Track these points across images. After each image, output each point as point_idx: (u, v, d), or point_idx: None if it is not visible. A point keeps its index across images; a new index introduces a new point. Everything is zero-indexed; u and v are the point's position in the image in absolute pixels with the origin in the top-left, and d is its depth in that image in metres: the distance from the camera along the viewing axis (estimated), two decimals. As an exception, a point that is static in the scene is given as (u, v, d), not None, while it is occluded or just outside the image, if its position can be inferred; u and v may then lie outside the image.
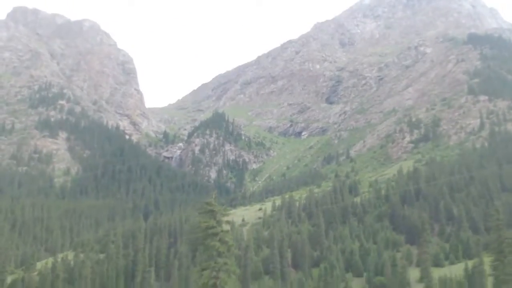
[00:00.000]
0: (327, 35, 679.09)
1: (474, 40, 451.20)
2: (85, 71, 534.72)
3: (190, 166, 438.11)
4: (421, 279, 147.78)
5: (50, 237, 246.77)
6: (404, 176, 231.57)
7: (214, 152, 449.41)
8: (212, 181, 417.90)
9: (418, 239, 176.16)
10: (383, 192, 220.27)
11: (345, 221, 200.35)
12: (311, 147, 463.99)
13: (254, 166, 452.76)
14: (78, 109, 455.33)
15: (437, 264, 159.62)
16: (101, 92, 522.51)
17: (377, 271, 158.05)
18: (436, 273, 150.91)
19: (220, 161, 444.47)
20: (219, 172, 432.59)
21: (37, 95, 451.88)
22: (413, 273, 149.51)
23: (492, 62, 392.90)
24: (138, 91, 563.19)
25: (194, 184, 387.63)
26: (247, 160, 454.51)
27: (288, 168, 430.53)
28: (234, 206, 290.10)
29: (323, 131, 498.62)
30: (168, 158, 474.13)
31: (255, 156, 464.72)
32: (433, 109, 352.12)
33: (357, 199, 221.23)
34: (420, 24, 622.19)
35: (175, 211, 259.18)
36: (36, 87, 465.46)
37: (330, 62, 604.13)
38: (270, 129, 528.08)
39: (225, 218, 54.79)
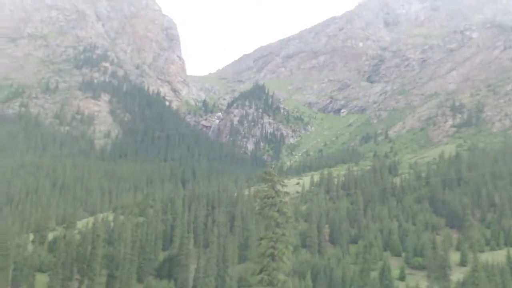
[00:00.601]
0: (371, 13, 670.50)
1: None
2: (129, 35, 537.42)
3: (228, 137, 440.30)
4: (461, 263, 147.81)
5: (90, 198, 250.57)
6: (446, 160, 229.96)
7: (252, 123, 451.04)
8: (249, 153, 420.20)
9: (459, 223, 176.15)
10: (423, 174, 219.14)
11: (383, 201, 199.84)
12: (349, 125, 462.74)
13: (292, 140, 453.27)
14: (121, 72, 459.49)
15: (478, 249, 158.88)
16: (144, 56, 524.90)
17: (416, 252, 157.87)
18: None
19: (258, 133, 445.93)
20: (256, 144, 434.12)
21: (82, 56, 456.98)
22: (453, 257, 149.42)
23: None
24: (180, 58, 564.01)
25: (231, 155, 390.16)
26: (284, 134, 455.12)
27: (325, 144, 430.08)
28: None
29: (363, 109, 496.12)
30: (206, 127, 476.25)
31: (293, 131, 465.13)
32: (477, 94, 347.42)
33: (396, 180, 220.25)
34: (467, 9, 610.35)
35: (212, 181, 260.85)
36: (81, 48, 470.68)
37: (373, 41, 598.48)
38: (309, 105, 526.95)
39: (284, 189, 54.98)
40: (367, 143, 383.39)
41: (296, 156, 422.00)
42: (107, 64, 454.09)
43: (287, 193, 55.51)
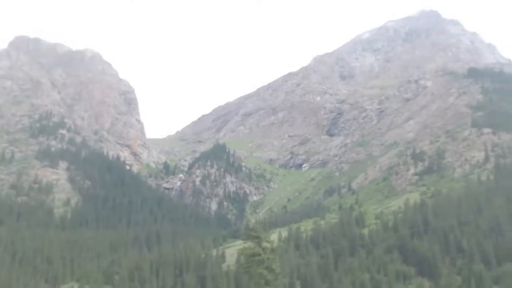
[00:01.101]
0: (327, 67, 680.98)
1: (475, 74, 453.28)
2: (86, 101, 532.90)
3: (191, 198, 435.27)
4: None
5: (51, 269, 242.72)
6: (411, 208, 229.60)
7: (215, 183, 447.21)
8: (213, 213, 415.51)
9: (429, 271, 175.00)
10: (390, 224, 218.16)
11: (353, 253, 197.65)
12: (312, 179, 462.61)
13: (255, 198, 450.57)
14: (79, 139, 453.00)
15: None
16: (102, 122, 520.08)
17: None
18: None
19: (221, 192, 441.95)
20: (220, 204, 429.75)
21: (38, 124, 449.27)
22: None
23: (494, 95, 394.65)
24: (139, 122, 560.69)
25: (195, 216, 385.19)
26: (248, 192, 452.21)
27: (289, 200, 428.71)
28: (237, 238, 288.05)
29: (324, 163, 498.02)
30: (168, 189, 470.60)
31: (256, 188, 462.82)
32: (437, 141, 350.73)
33: (365, 231, 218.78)
34: (420, 58, 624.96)
35: (178, 243, 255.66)
36: (36, 116, 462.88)
37: (331, 95, 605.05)
38: (271, 161, 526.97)
39: (271, 246, 52.58)
40: (331, 197, 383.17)
41: (260, 214, 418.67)
42: (64, 131, 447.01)
43: (274, 250, 53.22)
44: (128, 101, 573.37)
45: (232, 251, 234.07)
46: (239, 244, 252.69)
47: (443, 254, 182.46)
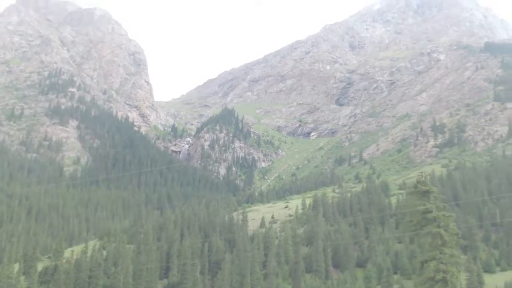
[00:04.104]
0: (336, 37, 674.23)
1: (492, 48, 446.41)
2: (96, 60, 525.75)
3: (199, 161, 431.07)
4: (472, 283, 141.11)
5: (67, 226, 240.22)
6: (437, 180, 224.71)
7: (223, 148, 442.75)
8: (221, 178, 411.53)
9: (464, 244, 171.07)
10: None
11: (382, 222, 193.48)
12: (320, 148, 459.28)
13: (263, 164, 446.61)
14: (88, 97, 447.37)
15: (488, 270, 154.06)
16: (111, 81, 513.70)
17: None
18: (488, 279, 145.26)
19: (230, 157, 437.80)
20: (228, 168, 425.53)
21: (47, 81, 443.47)
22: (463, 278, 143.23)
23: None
24: (148, 83, 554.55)
25: (205, 180, 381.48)
26: (256, 158, 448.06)
27: (298, 168, 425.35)
28: (252, 203, 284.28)
29: (333, 132, 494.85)
30: (175, 152, 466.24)
31: (264, 155, 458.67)
32: (456, 114, 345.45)
33: (391, 200, 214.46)
34: (432, 31, 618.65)
35: (199, 205, 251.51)
36: (46, 73, 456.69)
37: (341, 64, 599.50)
38: (279, 128, 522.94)
39: (441, 204, 47.58)
40: (341, 166, 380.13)
41: (268, 180, 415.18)
42: (73, 90, 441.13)
43: (445, 207, 48.07)
44: (137, 61, 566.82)
45: (253, 215, 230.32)
46: (256, 209, 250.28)
47: (477, 227, 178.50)
